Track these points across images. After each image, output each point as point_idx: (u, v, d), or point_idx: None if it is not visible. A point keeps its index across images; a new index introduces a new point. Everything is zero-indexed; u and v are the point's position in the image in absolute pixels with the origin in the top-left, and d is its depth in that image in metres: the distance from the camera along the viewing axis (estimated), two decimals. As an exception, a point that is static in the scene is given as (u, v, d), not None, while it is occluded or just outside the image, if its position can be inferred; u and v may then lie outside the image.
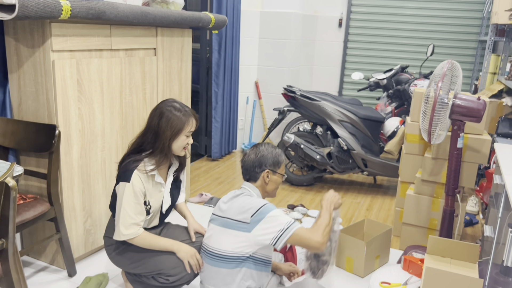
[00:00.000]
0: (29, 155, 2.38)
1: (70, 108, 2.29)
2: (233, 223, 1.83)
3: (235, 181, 4.15)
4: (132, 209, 1.92)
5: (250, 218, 1.79)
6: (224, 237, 1.85)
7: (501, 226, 2.04)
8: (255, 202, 1.82)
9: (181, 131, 1.97)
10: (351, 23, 5.29)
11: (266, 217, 1.77)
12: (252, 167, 1.96)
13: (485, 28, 4.87)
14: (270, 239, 1.76)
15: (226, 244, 1.83)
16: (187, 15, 2.83)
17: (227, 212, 1.88)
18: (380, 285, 2.20)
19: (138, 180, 1.93)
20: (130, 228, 1.93)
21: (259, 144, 2.03)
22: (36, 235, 2.50)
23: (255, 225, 1.78)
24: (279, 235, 1.75)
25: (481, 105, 2.29)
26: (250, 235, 1.79)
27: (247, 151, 2.03)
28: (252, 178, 1.98)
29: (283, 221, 1.77)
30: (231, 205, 1.89)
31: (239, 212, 1.82)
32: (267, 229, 1.77)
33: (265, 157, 1.95)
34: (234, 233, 1.81)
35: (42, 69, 2.19)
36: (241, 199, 1.87)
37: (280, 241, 1.75)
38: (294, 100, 3.89)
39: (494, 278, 2.16)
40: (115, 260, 2.07)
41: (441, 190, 2.80)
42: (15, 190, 1.54)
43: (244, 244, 1.81)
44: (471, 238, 3.13)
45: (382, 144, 3.96)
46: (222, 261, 1.84)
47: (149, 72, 2.79)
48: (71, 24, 2.22)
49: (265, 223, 1.77)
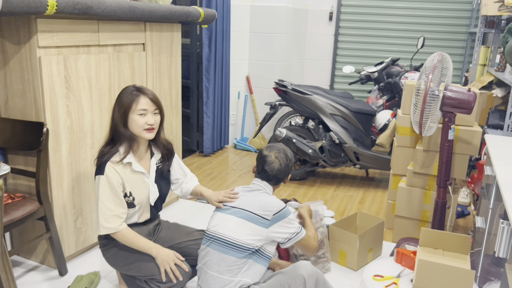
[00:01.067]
0: (17, 153, 2.34)
1: (58, 105, 2.26)
2: (253, 216, 1.90)
3: (228, 176, 4.14)
4: (110, 201, 1.90)
5: (272, 216, 1.89)
6: (239, 227, 1.89)
7: (492, 217, 2.06)
8: (277, 203, 1.94)
9: (129, 110, 1.94)
10: (341, 16, 5.28)
11: (285, 219, 1.92)
12: (274, 176, 2.04)
13: (475, 20, 4.89)
14: (282, 238, 1.93)
15: (240, 234, 1.88)
16: (176, 10, 2.80)
17: (244, 203, 1.95)
18: (373, 278, 2.21)
19: (113, 172, 1.91)
20: (111, 220, 1.90)
21: (280, 149, 2.08)
22: (26, 234, 2.48)
23: (274, 223, 1.90)
24: (291, 236, 1.94)
25: (472, 97, 2.30)
26: (266, 230, 1.89)
27: (272, 155, 2.05)
28: (274, 181, 2.06)
29: (296, 225, 1.97)
30: (247, 197, 1.97)
31: (261, 208, 1.91)
32: (283, 229, 1.92)
33: (291, 163, 2.10)
34: (252, 226, 1.88)
35: (29, 66, 2.16)
36: (263, 196, 1.97)
37: (290, 242, 1.95)
38: (285, 94, 3.88)
39: (486, 269, 2.17)
40: (110, 260, 2.05)
41: (433, 182, 2.81)
42: (2, 190, 1.51)
43: (258, 237, 1.88)
44: (463, 229, 3.15)
45: (373, 137, 3.97)
46: (232, 249, 1.87)
47: (138, 67, 2.76)
48: (57, 20, 2.18)
49: (283, 224, 1.92)
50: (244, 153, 4.90)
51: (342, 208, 3.50)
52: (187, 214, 3.24)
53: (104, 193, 1.89)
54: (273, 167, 2.03)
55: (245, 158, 4.72)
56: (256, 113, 5.11)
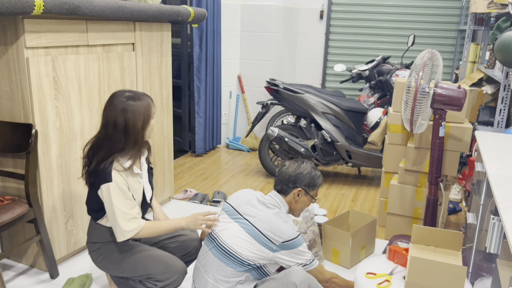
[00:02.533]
0: (5, 155, 2.32)
1: (47, 106, 2.23)
2: (260, 236, 1.81)
3: (220, 176, 4.13)
4: (125, 205, 1.87)
5: (280, 243, 1.81)
6: (244, 242, 1.82)
7: (483, 213, 2.06)
8: (290, 230, 1.83)
9: (149, 118, 1.92)
10: (332, 15, 5.29)
11: (295, 249, 1.84)
12: (287, 180, 1.95)
13: (464, 17, 4.92)
14: (287, 265, 1.85)
15: (243, 249, 1.81)
16: (165, 9, 2.78)
17: (255, 219, 1.84)
18: (366, 276, 2.21)
19: (120, 177, 1.87)
20: (131, 224, 1.88)
21: (302, 160, 2.02)
22: (16, 237, 2.45)
23: (282, 250, 1.82)
24: (300, 266, 1.86)
25: (462, 94, 2.31)
26: (271, 254, 1.82)
27: (287, 162, 2.00)
28: (283, 191, 1.97)
29: (306, 257, 1.88)
30: (261, 213, 1.86)
31: (271, 230, 1.81)
32: (291, 258, 1.84)
33: (303, 175, 1.96)
34: (257, 246, 1.81)
35: (16, 67, 2.13)
36: (277, 218, 1.85)
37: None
38: (277, 93, 3.87)
39: (478, 265, 2.18)
40: (101, 265, 2.01)
41: (425, 179, 2.82)
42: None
43: (261, 257, 1.82)
44: (455, 225, 3.17)
45: (365, 135, 3.98)
46: (232, 261, 1.82)
47: (128, 67, 2.74)
48: (45, 20, 2.15)
49: (292, 254, 1.84)
50: (237, 152, 4.89)
51: (334, 207, 3.51)
52: (180, 214, 3.23)
53: (117, 199, 1.85)
54: (282, 171, 1.97)
55: (238, 157, 4.71)
56: (248, 112, 5.10)
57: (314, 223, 2.52)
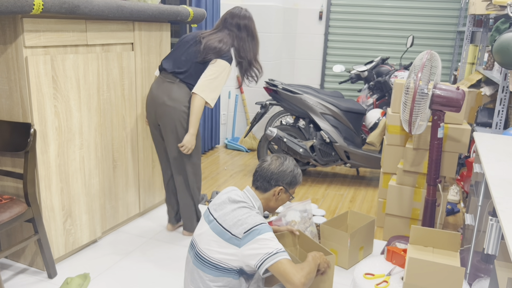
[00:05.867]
0: (4, 155, 2.31)
1: (46, 105, 2.23)
2: (225, 233, 1.75)
3: (219, 176, 4.12)
4: (219, 89, 2.42)
5: (243, 234, 1.71)
6: (214, 244, 1.77)
7: (481, 214, 2.07)
8: (252, 219, 1.73)
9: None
10: (331, 16, 5.29)
11: (257, 238, 1.69)
12: (269, 177, 1.88)
13: (463, 19, 4.93)
14: (255, 260, 1.68)
15: (214, 252, 1.76)
16: (164, 9, 2.78)
17: (222, 217, 1.79)
18: (364, 277, 2.21)
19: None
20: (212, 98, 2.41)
21: (284, 156, 1.95)
22: (14, 236, 2.44)
23: (246, 242, 1.70)
24: (264, 258, 1.66)
25: (460, 95, 2.31)
26: (239, 251, 1.72)
27: (268, 158, 1.93)
28: (262, 188, 1.90)
29: (272, 246, 1.68)
30: (227, 209, 1.80)
31: (234, 224, 1.74)
32: (255, 250, 1.68)
33: (286, 173, 1.90)
34: (224, 244, 1.74)
35: (15, 66, 2.13)
36: (241, 211, 1.77)
37: (264, 265, 1.66)
38: (276, 94, 3.88)
39: (476, 266, 2.19)
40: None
41: (423, 180, 2.82)
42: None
43: (232, 257, 1.74)
44: (453, 226, 3.17)
45: (364, 136, 3.98)
46: (209, 267, 1.77)
47: (127, 67, 2.74)
48: (44, 19, 2.15)
49: (255, 243, 1.69)
50: (235, 152, 4.89)
51: (333, 207, 3.51)
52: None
53: (223, 80, 2.36)
54: (263, 168, 1.90)
55: (236, 158, 4.71)
56: (247, 112, 5.10)
57: (312, 223, 2.52)
